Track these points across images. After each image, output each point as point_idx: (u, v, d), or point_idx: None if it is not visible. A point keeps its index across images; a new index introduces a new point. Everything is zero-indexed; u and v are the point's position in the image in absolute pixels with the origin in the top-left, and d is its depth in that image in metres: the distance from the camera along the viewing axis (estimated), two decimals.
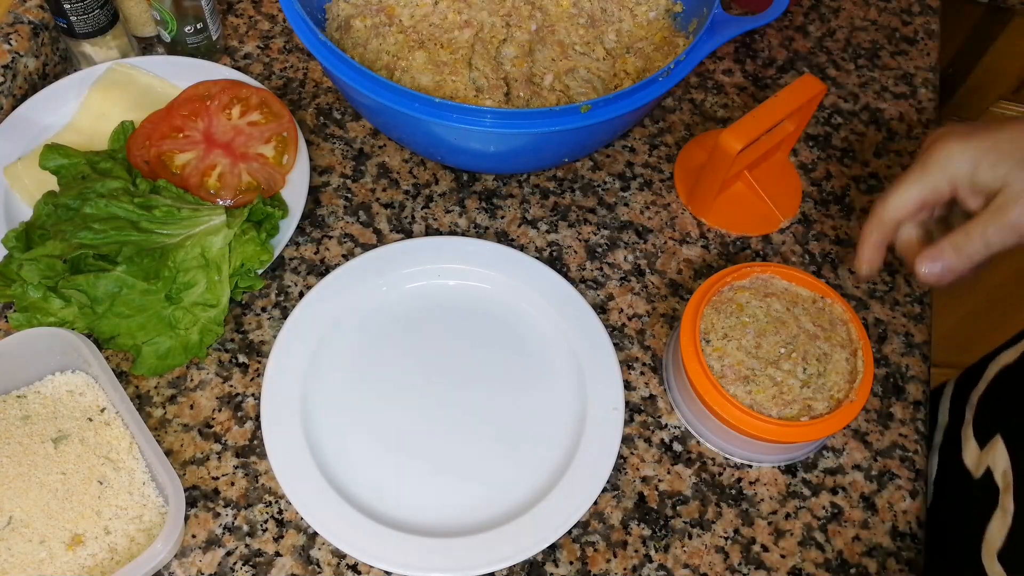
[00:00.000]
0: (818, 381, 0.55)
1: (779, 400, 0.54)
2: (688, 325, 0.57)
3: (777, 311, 0.58)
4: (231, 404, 0.59)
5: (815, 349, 0.56)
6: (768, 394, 0.55)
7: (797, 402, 0.54)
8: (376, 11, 0.68)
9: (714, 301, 0.58)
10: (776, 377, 0.55)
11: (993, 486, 0.60)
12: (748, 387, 0.55)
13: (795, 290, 0.59)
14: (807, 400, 0.55)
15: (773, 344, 0.56)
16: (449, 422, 0.59)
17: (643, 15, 0.71)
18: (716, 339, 0.57)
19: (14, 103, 0.69)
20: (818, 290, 0.59)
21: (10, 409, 0.56)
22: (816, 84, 0.65)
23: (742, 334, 0.57)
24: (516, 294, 0.64)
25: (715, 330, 0.57)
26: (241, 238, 0.60)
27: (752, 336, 0.57)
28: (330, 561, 0.54)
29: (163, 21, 0.71)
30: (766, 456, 0.58)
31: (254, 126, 0.67)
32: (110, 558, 0.52)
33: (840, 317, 0.58)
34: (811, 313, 0.58)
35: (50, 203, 0.60)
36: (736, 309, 0.58)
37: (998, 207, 0.51)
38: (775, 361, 0.56)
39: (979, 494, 0.62)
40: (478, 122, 0.56)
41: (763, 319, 0.57)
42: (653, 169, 0.73)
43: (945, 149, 0.52)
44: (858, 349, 0.56)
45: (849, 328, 0.57)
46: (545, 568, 0.55)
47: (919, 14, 0.87)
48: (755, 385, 0.55)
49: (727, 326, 0.57)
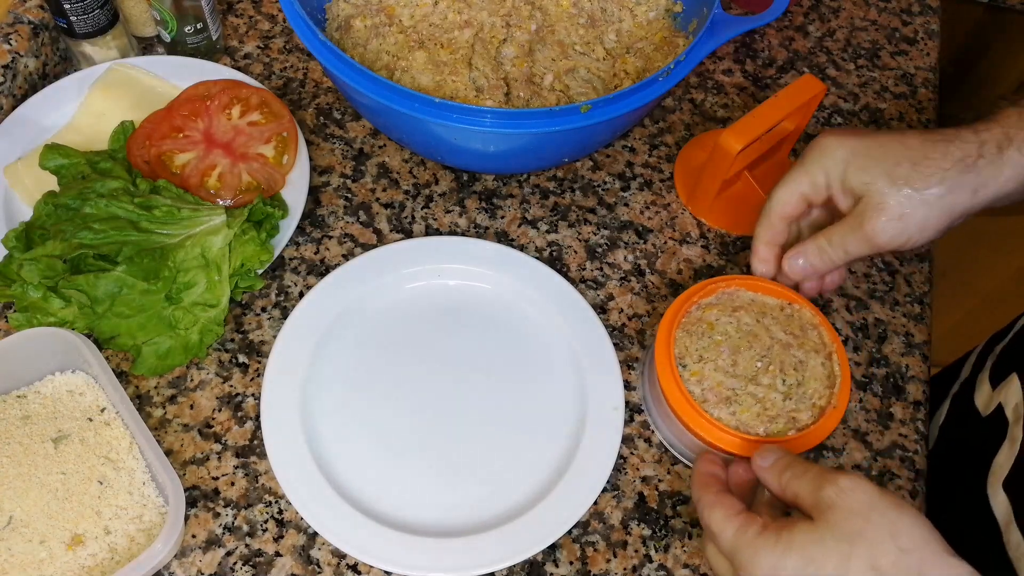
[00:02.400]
0: (799, 391, 0.54)
1: (764, 416, 0.53)
2: (663, 352, 0.55)
3: (747, 324, 0.56)
4: (231, 404, 0.59)
5: (790, 358, 0.55)
6: (752, 412, 0.53)
7: (782, 416, 0.53)
8: (376, 11, 0.68)
9: (684, 323, 0.57)
10: (757, 393, 0.54)
11: (1003, 420, 0.61)
12: (732, 408, 0.54)
13: (762, 299, 0.58)
14: (791, 412, 0.53)
15: (749, 359, 0.55)
16: (449, 422, 0.59)
17: (643, 15, 0.71)
18: (692, 363, 0.55)
19: (14, 103, 0.69)
20: (784, 297, 0.58)
21: (10, 409, 0.56)
22: (816, 84, 0.65)
23: (717, 354, 0.55)
24: (516, 294, 0.64)
25: (690, 353, 0.55)
26: (241, 238, 0.60)
27: (727, 354, 0.55)
28: (330, 561, 0.54)
29: (163, 21, 0.71)
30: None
31: (254, 126, 0.67)
32: (110, 558, 0.52)
33: (810, 322, 0.57)
34: (781, 321, 0.57)
35: (50, 203, 0.60)
36: (707, 328, 0.56)
37: (856, 216, 0.52)
38: (753, 377, 0.54)
39: (987, 431, 0.62)
40: (478, 122, 0.56)
41: (735, 335, 0.56)
42: (653, 169, 0.73)
43: (821, 145, 0.54)
44: (832, 352, 0.55)
45: (820, 331, 0.56)
46: (545, 568, 0.55)
47: (919, 14, 0.87)
48: (738, 405, 0.54)
49: (701, 347, 0.56)
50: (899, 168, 0.51)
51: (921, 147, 0.51)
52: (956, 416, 0.68)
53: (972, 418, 0.65)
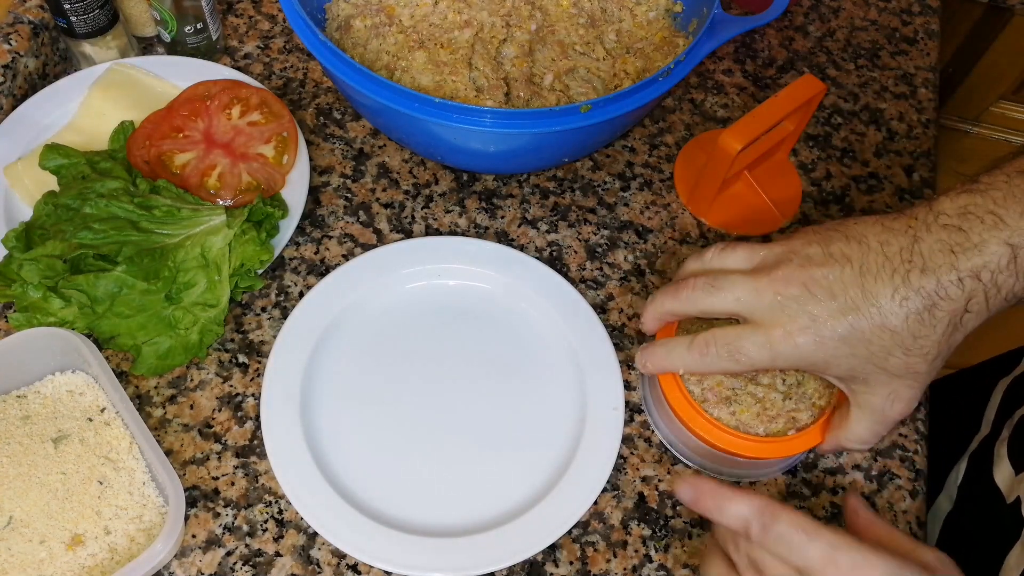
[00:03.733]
0: (798, 391, 0.54)
1: (764, 416, 0.53)
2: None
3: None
4: (231, 404, 0.59)
5: None
6: (752, 412, 0.53)
7: (782, 416, 0.53)
8: (376, 11, 0.68)
9: (683, 323, 0.56)
10: (757, 393, 0.54)
11: (1020, 516, 0.59)
12: (732, 408, 0.53)
13: None
14: (791, 412, 0.53)
15: None
16: (449, 421, 0.59)
17: (643, 15, 0.71)
18: None
19: (14, 103, 0.69)
20: None
21: (10, 409, 0.56)
22: (816, 84, 0.65)
23: None
24: (516, 294, 0.64)
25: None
26: (241, 238, 0.60)
27: None
28: (330, 561, 0.54)
29: (163, 21, 0.71)
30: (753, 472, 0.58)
31: (254, 126, 0.67)
32: (110, 558, 0.52)
33: None
34: None
35: (50, 203, 0.60)
36: (706, 325, 0.55)
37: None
38: (753, 377, 0.54)
39: (1008, 521, 0.60)
40: (478, 122, 0.56)
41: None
42: (653, 169, 0.73)
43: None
44: None
45: None
46: (545, 568, 0.55)
47: (919, 14, 0.87)
48: (738, 405, 0.53)
49: None
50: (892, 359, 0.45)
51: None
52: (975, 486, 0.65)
53: (995, 498, 0.62)
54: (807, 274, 0.45)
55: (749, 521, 0.43)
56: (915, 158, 0.76)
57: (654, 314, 0.52)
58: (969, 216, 0.43)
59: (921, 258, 0.43)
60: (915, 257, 0.43)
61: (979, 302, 0.43)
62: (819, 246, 0.46)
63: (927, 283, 0.43)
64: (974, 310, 0.43)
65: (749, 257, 0.49)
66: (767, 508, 0.42)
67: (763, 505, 0.43)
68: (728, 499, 0.44)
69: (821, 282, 0.45)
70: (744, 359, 0.47)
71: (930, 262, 0.43)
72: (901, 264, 0.43)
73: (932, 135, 0.78)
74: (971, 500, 0.66)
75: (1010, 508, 0.60)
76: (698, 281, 0.49)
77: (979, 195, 0.43)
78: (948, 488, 0.69)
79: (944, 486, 0.69)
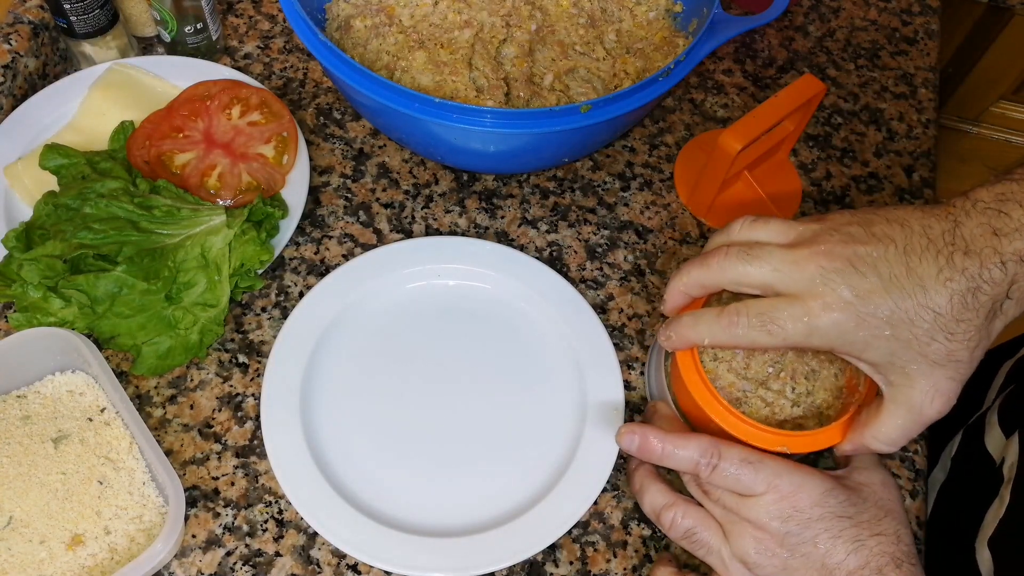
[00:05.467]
0: (807, 400, 0.54)
1: (770, 421, 0.53)
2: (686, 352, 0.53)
3: None
4: (231, 404, 0.59)
5: (803, 367, 0.54)
6: (760, 416, 0.53)
7: (788, 422, 0.53)
8: (376, 11, 0.68)
9: (709, 299, 0.56)
10: (767, 398, 0.54)
11: (1001, 475, 0.60)
12: (741, 409, 0.53)
13: None
14: (798, 420, 0.53)
15: (762, 363, 0.54)
16: (449, 422, 0.59)
17: (643, 15, 0.71)
18: (708, 360, 0.55)
19: (14, 103, 0.69)
20: None
21: (10, 409, 0.56)
22: (816, 84, 0.65)
23: (731, 355, 0.55)
24: (516, 294, 0.64)
25: (706, 352, 0.55)
26: (241, 238, 0.60)
27: (741, 356, 0.55)
28: (330, 561, 0.54)
29: (163, 21, 0.71)
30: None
31: (254, 126, 0.67)
32: (110, 558, 0.52)
33: None
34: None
35: (50, 203, 0.60)
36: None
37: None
38: (764, 381, 0.54)
39: (991, 479, 0.61)
40: (478, 122, 0.56)
41: None
42: (653, 169, 0.73)
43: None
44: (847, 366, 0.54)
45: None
46: (545, 568, 0.55)
47: (919, 14, 0.87)
48: (747, 407, 0.53)
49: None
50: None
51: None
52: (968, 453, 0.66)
53: (985, 462, 0.63)
54: (851, 250, 0.44)
55: (697, 462, 0.48)
56: (915, 158, 0.76)
57: (679, 286, 0.49)
58: (1008, 201, 0.43)
59: (964, 241, 0.43)
60: (958, 240, 0.43)
61: (1021, 288, 0.42)
62: (860, 226, 0.45)
63: (971, 264, 0.42)
64: (1015, 296, 0.43)
65: (784, 231, 0.47)
66: (712, 448, 0.48)
67: (708, 445, 0.48)
68: (674, 443, 0.49)
69: (865, 259, 0.44)
70: (777, 331, 0.44)
71: (973, 244, 0.42)
72: (945, 246, 0.43)
73: (932, 135, 0.78)
74: (965, 469, 0.66)
75: (999, 469, 0.61)
76: (731, 249, 0.47)
77: (1015, 183, 0.43)
78: (943, 461, 0.69)
79: (939, 460, 0.70)
